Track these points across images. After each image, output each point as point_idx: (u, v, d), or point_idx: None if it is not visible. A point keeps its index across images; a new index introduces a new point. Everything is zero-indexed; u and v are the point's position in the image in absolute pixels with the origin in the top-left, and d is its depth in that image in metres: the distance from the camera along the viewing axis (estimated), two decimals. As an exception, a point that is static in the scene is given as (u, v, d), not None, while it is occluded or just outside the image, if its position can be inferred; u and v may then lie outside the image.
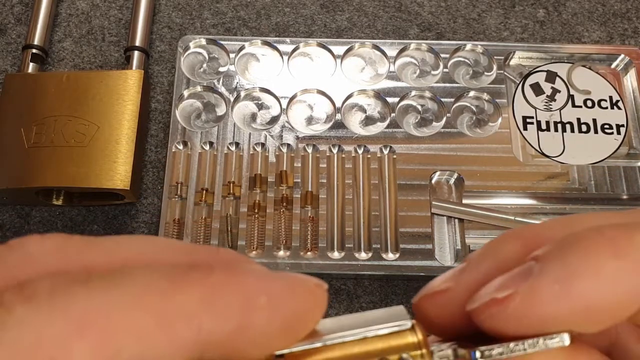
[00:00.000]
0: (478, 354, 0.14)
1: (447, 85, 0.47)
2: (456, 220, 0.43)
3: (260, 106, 0.46)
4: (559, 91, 0.46)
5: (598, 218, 0.16)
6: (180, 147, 0.44)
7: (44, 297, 0.12)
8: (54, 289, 0.12)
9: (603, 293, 0.14)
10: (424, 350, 0.15)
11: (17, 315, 0.12)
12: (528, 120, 0.45)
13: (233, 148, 0.44)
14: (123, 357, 0.12)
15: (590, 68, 0.47)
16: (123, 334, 0.12)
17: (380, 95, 0.46)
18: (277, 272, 0.15)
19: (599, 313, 0.14)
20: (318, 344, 0.15)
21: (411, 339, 0.15)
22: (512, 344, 0.14)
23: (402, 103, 0.46)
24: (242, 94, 0.46)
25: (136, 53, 0.48)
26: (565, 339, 0.14)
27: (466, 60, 0.48)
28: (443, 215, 0.43)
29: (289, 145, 0.44)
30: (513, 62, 0.48)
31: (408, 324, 0.15)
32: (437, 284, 0.17)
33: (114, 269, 0.13)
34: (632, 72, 0.47)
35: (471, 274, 0.16)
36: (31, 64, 0.47)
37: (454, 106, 0.46)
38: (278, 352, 0.14)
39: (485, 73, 0.47)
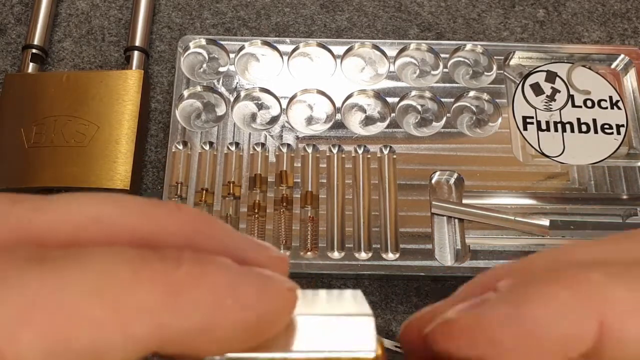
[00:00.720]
0: None
1: (447, 85, 0.47)
2: (456, 220, 0.43)
3: (260, 106, 0.46)
4: (559, 91, 0.46)
5: (584, 251, 0.16)
6: (180, 147, 0.44)
7: None
8: (3, 267, 0.12)
9: (551, 321, 0.13)
10: None
11: None
12: (528, 120, 0.45)
13: (233, 148, 0.44)
14: (73, 347, 0.11)
15: (590, 68, 0.47)
16: (75, 323, 0.12)
17: (380, 95, 0.46)
18: (248, 270, 0.14)
19: (547, 342, 0.13)
20: (274, 355, 0.14)
21: (370, 357, 0.14)
22: None
23: (402, 103, 0.46)
24: (242, 94, 0.46)
25: (136, 53, 0.48)
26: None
27: (466, 60, 0.48)
28: (443, 215, 0.43)
29: (289, 145, 0.44)
30: (513, 62, 0.48)
31: (372, 347, 0.14)
32: (423, 311, 0.17)
33: (71, 248, 0.13)
34: (632, 72, 0.47)
35: (447, 304, 0.16)
36: (31, 64, 0.47)
37: (454, 106, 0.46)
38: (233, 355, 0.14)
39: (485, 73, 0.47)
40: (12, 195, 0.14)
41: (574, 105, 0.46)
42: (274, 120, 0.45)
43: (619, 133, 0.45)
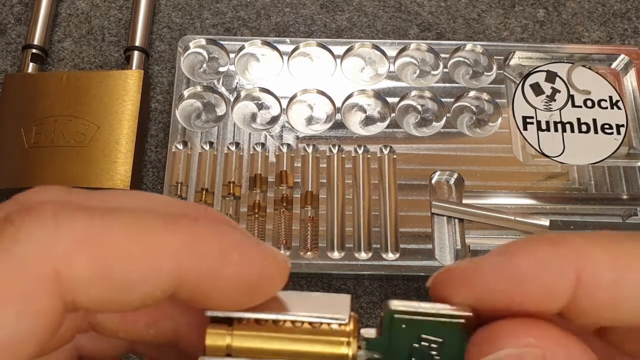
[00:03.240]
0: (393, 307, 0.16)
1: (447, 85, 0.47)
2: (456, 220, 0.43)
3: (260, 106, 0.46)
4: (559, 91, 0.46)
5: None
6: (180, 147, 0.44)
7: (50, 217, 0.14)
8: (58, 211, 0.14)
9: (534, 271, 0.15)
10: (350, 338, 0.16)
11: (26, 231, 0.14)
12: (528, 120, 0.45)
13: (233, 148, 0.44)
14: (114, 274, 0.14)
15: (590, 68, 0.47)
16: (115, 255, 0.14)
17: (380, 95, 0.46)
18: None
19: (530, 290, 0.15)
20: (259, 315, 0.16)
21: (343, 328, 0.16)
22: (422, 304, 0.16)
23: (402, 103, 0.46)
24: (242, 94, 0.46)
25: (136, 53, 0.48)
26: (468, 314, 0.16)
27: (466, 60, 0.48)
28: (443, 215, 0.43)
29: (289, 145, 0.44)
30: (513, 62, 0.48)
31: (345, 317, 0.16)
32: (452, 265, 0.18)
33: (109, 207, 0.16)
34: (632, 72, 0.47)
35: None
36: (31, 64, 0.47)
37: (454, 106, 0.46)
38: (224, 314, 0.16)
39: (485, 73, 0.47)
40: (65, 187, 0.17)
41: (574, 105, 0.46)
42: (274, 120, 0.45)
43: (619, 133, 0.45)
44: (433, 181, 0.44)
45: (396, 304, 0.16)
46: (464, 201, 0.43)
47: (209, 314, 0.16)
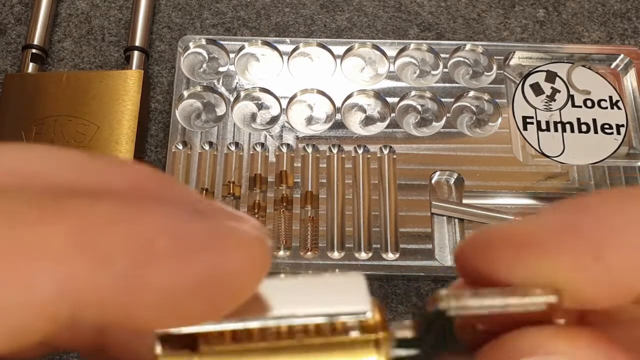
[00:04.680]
0: (446, 304, 0.11)
1: (447, 85, 0.47)
2: (456, 220, 0.43)
3: (260, 106, 0.46)
4: (559, 91, 0.46)
5: None
6: (180, 147, 0.44)
7: None
8: None
9: (621, 233, 0.10)
10: (380, 334, 0.11)
11: None
12: (528, 120, 0.45)
13: (233, 148, 0.44)
14: None
15: (590, 68, 0.47)
16: None
17: (380, 95, 0.46)
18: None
19: (612, 262, 0.10)
20: (234, 325, 0.11)
21: (366, 321, 0.11)
22: (487, 299, 0.11)
23: (402, 103, 0.46)
24: (242, 94, 0.46)
25: (136, 53, 0.48)
26: (553, 299, 0.11)
27: (466, 60, 0.48)
28: (443, 215, 0.43)
29: (289, 145, 0.44)
30: (513, 62, 0.48)
31: (366, 307, 0.11)
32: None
33: None
34: (632, 72, 0.47)
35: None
36: (31, 64, 0.47)
37: (454, 106, 0.46)
38: (184, 330, 0.10)
39: (485, 73, 0.47)
40: None
41: (574, 105, 0.46)
42: (274, 120, 0.45)
43: (619, 133, 0.45)
44: (433, 181, 0.44)
45: (447, 302, 0.11)
46: (464, 201, 0.43)
47: (156, 332, 0.10)
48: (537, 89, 0.47)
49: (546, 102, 0.46)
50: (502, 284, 0.11)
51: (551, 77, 0.47)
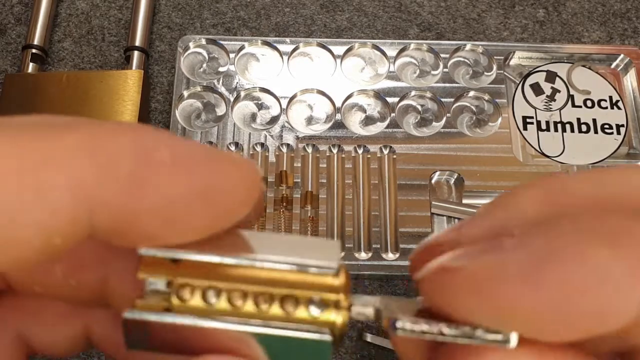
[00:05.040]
0: (400, 324, 0.12)
1: (447, 85, 0.47)
2: (456, 220, 0.43)
3: (260, 106, 0.46)
4: (559, 91, 0.46)
5: (623, 182, 0.12)
6: (180, 147, 0.44)
7: None
8: None
9: (585, 286, 0.10)
10: (341, 296, 0.12)
11: None
12: (528, 120, 0.45)
13: (233, 148, 0.44)
14: None
15: (590, 68, 0.47)
16: None
17: (380, 95, 0.46)
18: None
19: (575, 312, 0.10)
20: (213, 257, 0.11)
21: (331, 281, 0.12)
22: (443, 326, 0.11)
23: (402, 103, 0.46)
24: (242, 94, 0.46)
25: (136, 53, 0.48)
26: (513, 339, 0.11)
27: (466, 60, 0.48)
28: (443, 215, 0.43)
29: (289, 145, 0.44)
30: (513, 62, 0.48)
31: (334, 266, 0.12)
32: (433, 237, 0.13)
33: None
34: (632, 72, 0.47)
35: (473, 228, 0.13)
36: (31, 64, 0.47)
37: (454, 106, 0.46)
38: (176, 256, 0.11)
39: (485, 73, 0.47)
40: None
41: (574, 105, 0.46)
42: (274, 120, 0.45)
43: (619, 133, 0.45)
44: (433, 181, 0.44)
45: (405, 325, 0.12)
46: (464, 201, 0.43)
47: (141, 252, 0.11)
48: (537, 89, 0.47)
49: (546, 102, 0.46)
50: (456, 318, 0.11)
51: (551, 77, 0.47)
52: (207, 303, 0.12)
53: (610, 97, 0.46)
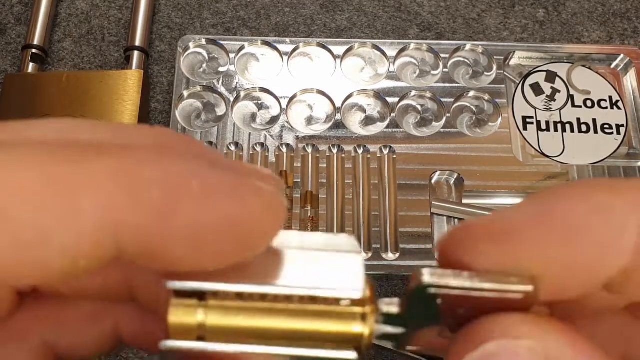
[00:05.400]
0: (427, 278, 0.12)
1: (447, 85, 0.47)
2: (456, 220, 0.43)
3: (260, 106, 0.46)
4: (559, 91, 0.46)
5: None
6: (180, 147, 0.44)
7: None
8: None
9: (592, 219, 0.11)
10: (367, 308, 0.13)
11: None
12: (528, 120, 0.45)
13: (233, 148, 0.44)
14: (9, 222, 0.10)
15: (590, 68, 0.47)
16: (10, 193, 0.10)
17: (380, 95, 0.46)
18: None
19: (585, 244, 0.11)
20: (242, 287, 0.12)
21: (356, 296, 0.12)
22: (474, 277, 0.12)
23: (402, 103, 0.46)
24: (242, 94, 0.46)
25: (136, 53, 0.48)
26: (529, 287, 0.12)
27: (466, 60, 0.48)
28: (443, 215, 0.43)
29: (289, 145, 0.44)
30: (513, 62, 0.48)
31: (359, 288, 0.12)
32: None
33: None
34: (632, 72, 0.47)
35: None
36: (31, 64, 0.47)
37: (454, 106, 0.46)
38: (203, 287, 0.12)
39: (485, 73, 0.47)
40: None
41: (574, 105, 0.46)
42: (274, 120, 0.45)
43: (619, 133, 0.45)
44: (433, 181, 0.44)
45: (429, 278, 0.12)
46: (464, 201, 0.43)
47: (170, 285, 0.12)
48: (537, 89, 0.47)
49: (546, 102, 0.46)
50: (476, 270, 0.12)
51: (551, 77, 0.47)
52: (237, 326, 0.12)
53: (610, 97, 0.46)
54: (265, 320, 0.12)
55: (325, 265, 0.13)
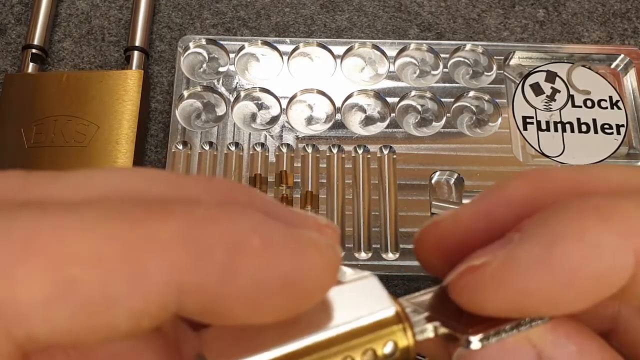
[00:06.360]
0: (474, 345, 0.13)
1: (447, 85, 0.47)
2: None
3: (260, 106, 0.46)
4: (559, 91, 0.46)
5: (614, 172, 0.15)
6: (180, 147, 0.44)
7: None
8: None
9: (587, 258, 0.12)
10: (405, 323, 0.13)
11: None
12: (528, 120, 0.45)
13: (233, 148, 0.44)
14: (80, 291, 0.10)
15: (590, 68, 0.47)
16: (80, 261, 0.10)
17: (380, 95, 0.46)
18: (292, 214, 0.13)
19: (582, 281, 0.13)
20: (285, 349, 0.12)
21: (390, 316, 0.13)
22: (507, 326, 0.13)
23: (402, 103, 0.46)
24: (242, 94, 0.46)
25: (136, 53, 0.48)
26: (546, 318, 0.14)
27: (466, 60, 0.48)
28: (443, 215, 0.43)
29: (289, 145, 0.44)
30: (513, 62, 0.48)
31: (391, 308, 0.13)
32: (439, 216, 0.15)
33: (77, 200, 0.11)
34: (632, 72, 0.47)
35: (472, 208, 0.15)
36: (31, 64, 0.47)
37: (454, 106, 0.46)
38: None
39: (485, 73, 0.47)
40: (24, 171, 0.12)
41: (574, 105, 0.46)
42: (274, 120, 0.45)
43: (619, 133, 0.45)
44: (433, 181, 0.44)
45: (478, 343, 0.13)
46: (464, 201, 0.43)
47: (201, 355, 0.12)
48: (537, 89, 0.47)
49: (546, 102, 0.46)
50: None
51: (551, 77, 0.47)
52: None
53: (610, 97, 0.46)
54: None
55: (348, 297, 0.13)
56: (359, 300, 0.13)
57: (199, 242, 0.11)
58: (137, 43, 0.48)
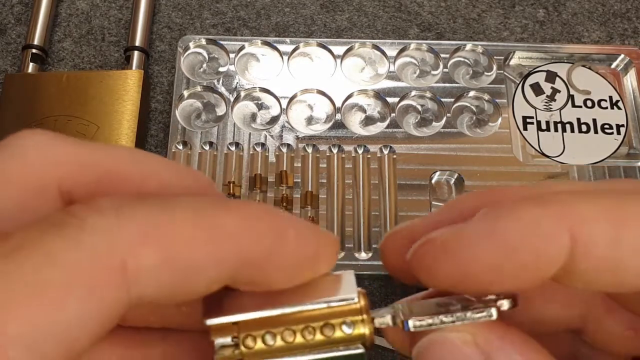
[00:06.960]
0: (411, 324, 0.16)
1: (447, 85, 0.47)
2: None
3: (260, 106, 0.46)
4: (559, 91, 0.46)
5: (552, 185, 0.17)
6: (180, 147, 0.44)
7: (111, 211, 0.14)
8: (117, 205, 0.14)
9: (524, 234, 0.14)
10: (364, 316, 0.16)
11: (91, 223, 0.13)
12: (528, 120, 0.45)
13: (233, 148, 0.44)
14: (180, 261, 0.14)
15: (590, 68, 0.47)
16: (180, 242, 0.14)
17: (380, 95, 0.46)
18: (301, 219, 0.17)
19: (522, 256, 0.14)
20: (274, 312, 0.16)
21: (354, 306, 0.16)
22: (442, 317, 0.15)
23: (402, 103, 0.46)
24: (242, 94, 0.46)
25: (136, 53, 0.48)
26: (493, 313, 0.15)
27: (466, 60, 0.48)
28: (443, 215, 0.43)
29: (289, 145, 0.44)
30: (513, 62, 0.48)
31: (354, 297, 0.16)
32: (398, 226, 0.19)
33: (163, 195, 0.16)
34: (632, 72, 0.47)
35: (427, 218, 0.18)
36: (31, 64, 0.47)
37: (454, 106, 0.46)
38: (234, 319, 0.16)
39: (485, 73, 0.47)
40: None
41: (574, 105, 0.46)
42: (274, 120, 0.45)
43: (619, 133, 0.45)
44: (433, 181, 0.44)
45: (415, 323, 0.16)
46: (464, 201, 0.43)
47: (209, 322, 0.15)
48: (537, 89, 0.47)
49: (546, 102, 0.46)
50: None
51: (551, 77, 0.47)
52: (267, 345, 0.16)
53: (610, 97, 0.46)
54: (291, 337, 0.16)
55: (326, 285, 0.17)
56: (334, 287, 0.16)
57: (255, 230, 0.15)
58: (137, 43, 0.48)
